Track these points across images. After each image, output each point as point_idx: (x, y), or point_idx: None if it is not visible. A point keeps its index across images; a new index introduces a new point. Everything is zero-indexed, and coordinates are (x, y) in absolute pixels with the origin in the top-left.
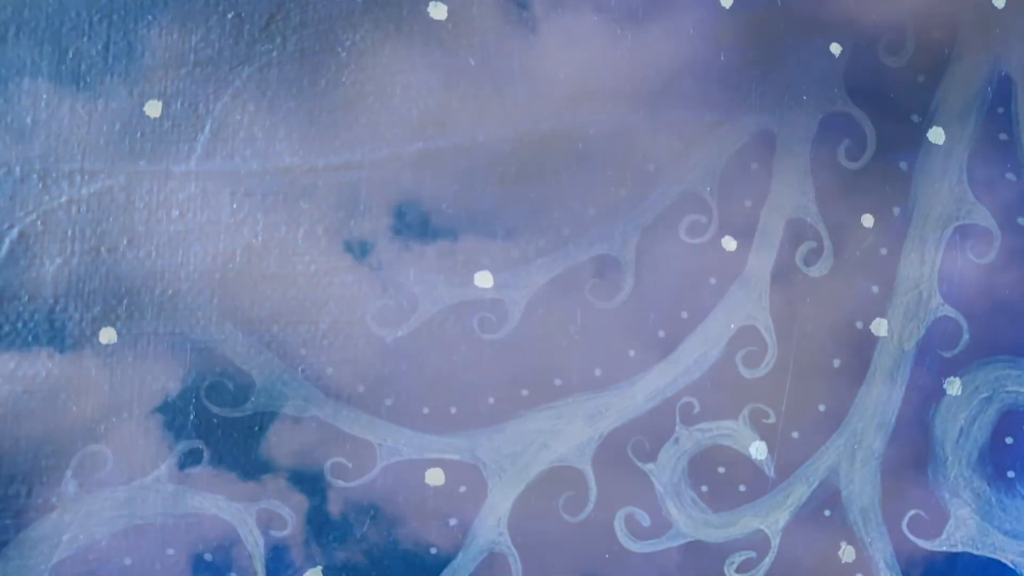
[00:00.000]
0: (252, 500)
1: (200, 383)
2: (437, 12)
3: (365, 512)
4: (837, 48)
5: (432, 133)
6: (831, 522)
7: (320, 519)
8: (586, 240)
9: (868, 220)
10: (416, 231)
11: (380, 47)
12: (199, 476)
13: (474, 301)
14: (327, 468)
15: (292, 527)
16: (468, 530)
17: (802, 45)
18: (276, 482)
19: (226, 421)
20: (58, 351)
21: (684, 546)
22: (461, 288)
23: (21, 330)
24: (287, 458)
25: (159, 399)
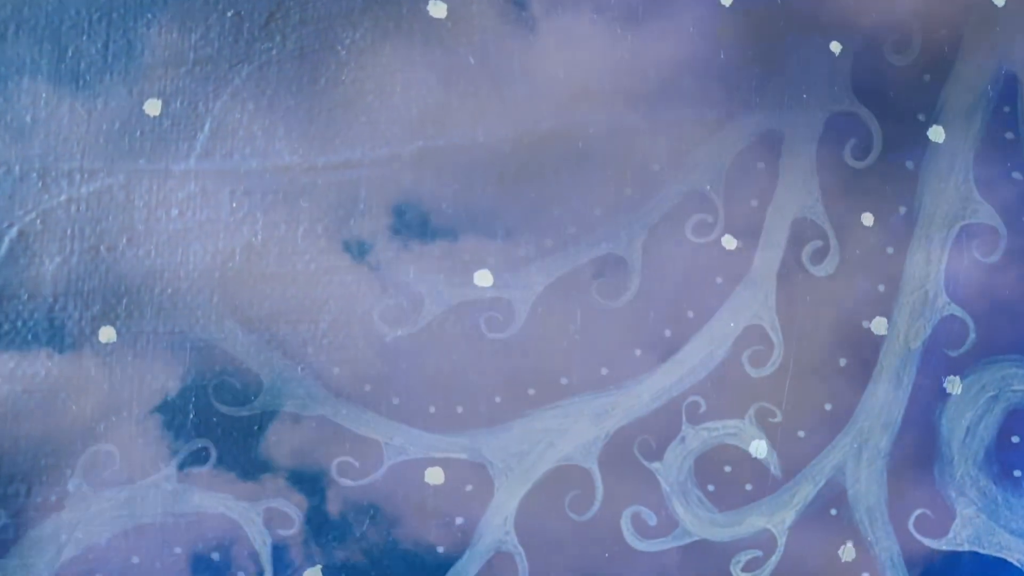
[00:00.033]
0: (258, 499)
1: (200, 382)
2: (437, 11)
3: (366, 511)
4: (837, 46)
5: (432, 132)
6: (837, 521)
7: (326, 518)
8: (592, 239)
9: (868, 219)
10: (416, 230)
11: (380, 45)
12: (203, 475)
13: (480, 301)
14: (334, 467)
15: (299, 525)
16: (475, 529)
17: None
18: (281, 481)
19: (226, 420)
20: (57, 350)
21: (690, 545)
22: (461, 288)
23: (20, 329)
24: (293, 457)
25: (159, 398)
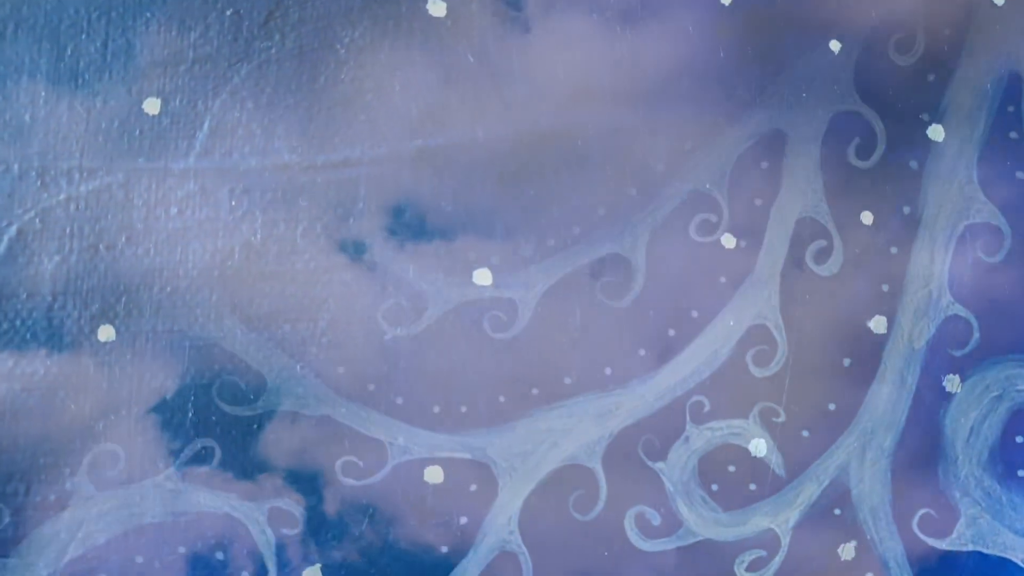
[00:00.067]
0: (263, 499)
1: (200, 381)
2: (436, 9)
3: (368, 511)
4: (837, 45)
5: (431, 130)
6: (841, 521)
7: (328, 517)
8: (595, 239)
9: (867, 217)
10: (415, 229)
11: (379, 44)
12: (205, 475)
13: (483, 300)
14: (338, 467)
15: (303, 525)
16: (479, 529)
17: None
18: (285, 480)
19: (226, 419)
20: (56, 349)
21: (694, 545)
22: (461, 287)
23: (19, 328)
24: (296, 456)
25: (158, 397)
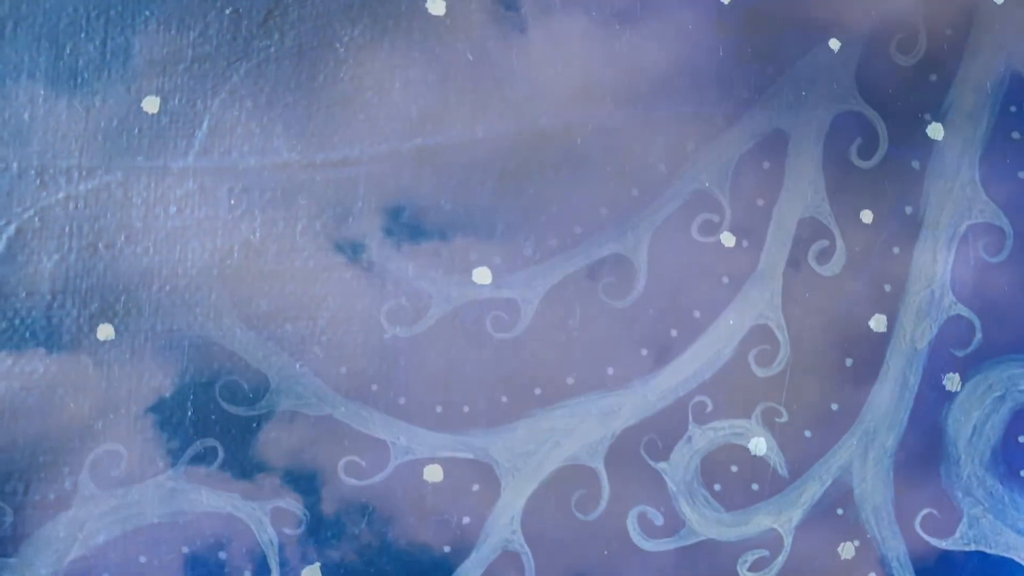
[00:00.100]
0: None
1: (199, 380)
2: (435, 8)
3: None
4: (836, 44)
5: (431, 129)
6: (844, 521)
7: (330, 517)
8: (597, 239)
9: (869, 217)
10: (414, 228)
11: (378, 43)
12: (206, 475)
13: (484, 300)
14: (340, 466)
15: (306, 525)
16: (481, 528)
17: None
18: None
19: (225, 418)
20: (55, 348)
21: (696, 545)
22: (460, 286)
23: (18, 327)
24: (298, 456)
25: (157, 396)
